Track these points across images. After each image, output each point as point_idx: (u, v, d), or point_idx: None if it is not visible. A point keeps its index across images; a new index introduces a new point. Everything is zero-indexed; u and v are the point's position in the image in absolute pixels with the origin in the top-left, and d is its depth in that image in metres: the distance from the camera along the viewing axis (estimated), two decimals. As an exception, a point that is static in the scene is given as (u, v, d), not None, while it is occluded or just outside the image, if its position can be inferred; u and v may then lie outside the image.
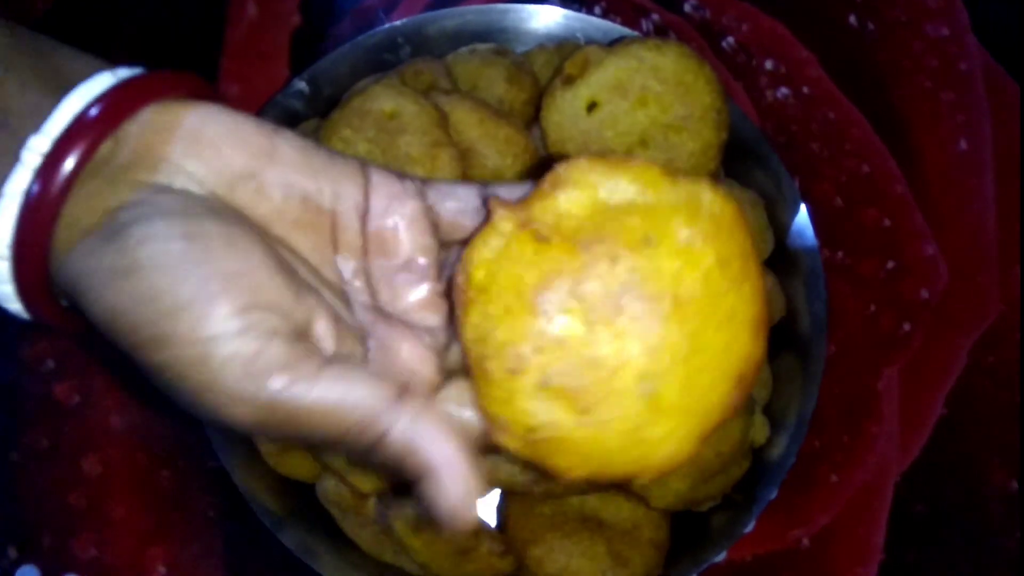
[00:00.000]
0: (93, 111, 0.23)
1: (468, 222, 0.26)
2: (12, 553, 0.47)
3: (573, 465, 0.23)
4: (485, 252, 0.23)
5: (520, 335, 0.23)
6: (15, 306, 0.24)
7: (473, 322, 0.23)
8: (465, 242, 0.24)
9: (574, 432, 0.22)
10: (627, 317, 0.22)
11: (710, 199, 0.23)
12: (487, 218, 0.24)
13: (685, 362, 0.23)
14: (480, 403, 0.23)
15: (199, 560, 0.47)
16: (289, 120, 0.46)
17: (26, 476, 0.48)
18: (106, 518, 0.48)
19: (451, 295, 0.25)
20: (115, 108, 0.23)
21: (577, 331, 0.22)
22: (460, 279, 0.24)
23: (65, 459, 0.48)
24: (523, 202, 0.24)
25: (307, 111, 0.47)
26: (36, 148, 0.23)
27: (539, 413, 0.23)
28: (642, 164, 0.23)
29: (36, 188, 0.22)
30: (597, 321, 0.22)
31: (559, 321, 0.22)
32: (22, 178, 0.22)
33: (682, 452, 0.23)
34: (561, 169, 0.23)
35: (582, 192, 0.23)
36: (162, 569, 0.47)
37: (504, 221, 0.23)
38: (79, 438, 0.49)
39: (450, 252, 0.27)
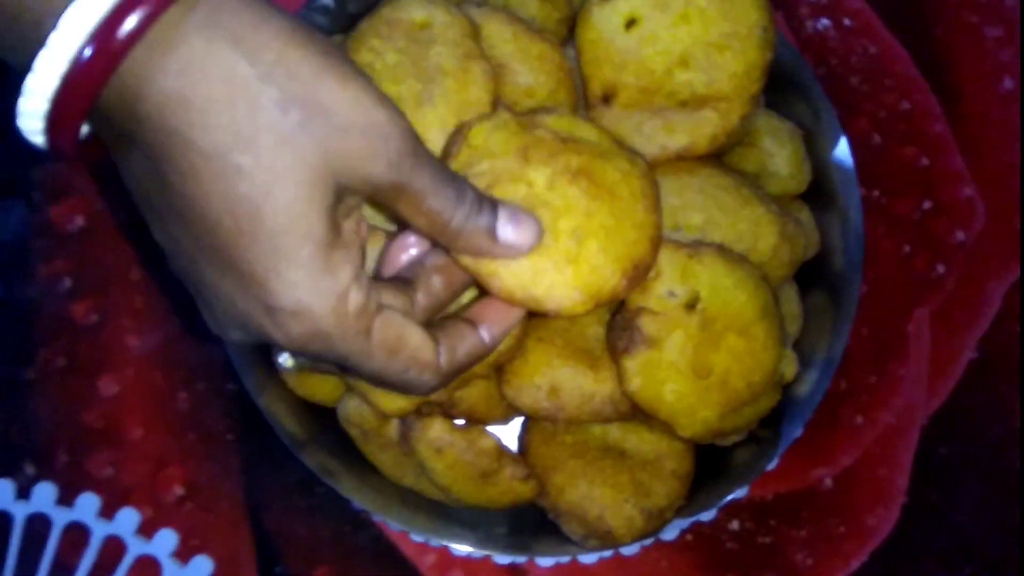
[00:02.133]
0: None
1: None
2: (29, 470, 0.47)
3: (501, 275, 0.30)
4: (486, 123, 0.32)
5: (501, 171, 0.31)
6: (38, 137, 0.25)
7: (459, 162, 0.31)
8: None
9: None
10: (577, 189, 0.31)
11: (642, 163, 0.34)
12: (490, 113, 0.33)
13: (606, 233, 0.31)
14: None
15: (216, 481, 0.47)
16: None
17: (42, 394, 0.48)
18: (122, 438, 0.47)
19: None
20: None
21: (541, 181, 0.31)
22: (457, 139, 0.32)
23: (81, 378, 0.48)
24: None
25: (331, 27, 0.45)
26: None
27: None
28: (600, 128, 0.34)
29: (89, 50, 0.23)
30: (556, 183, 0.31)
31: (532, 171, 0.31)
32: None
33: (584, 287, 0.31)
34: (550, 110, 0.34)
35: (562, 120, 0.33)
36: (179, 490, 0.47)
37: (504, 111, 0.33)
38: (95, 357, 0.48)
39: None
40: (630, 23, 0.38)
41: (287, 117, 0.24)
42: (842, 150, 0.44)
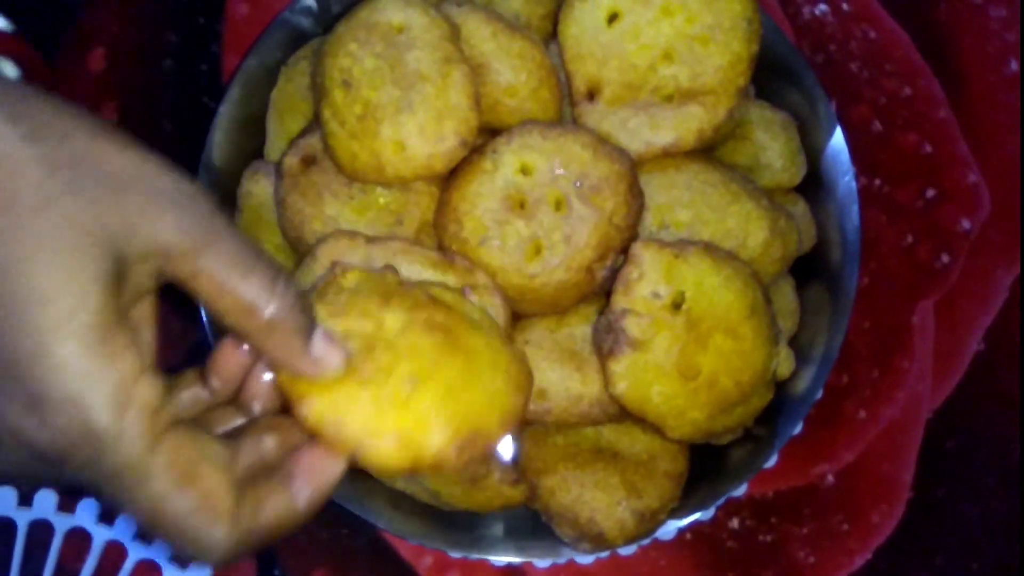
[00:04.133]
0: None
1: None
2: (31, 477, 0.48)
3: (313, 401, 0.26)
4: (362, 271, 0.29)
5: (352, 304, 0.28)
6: None
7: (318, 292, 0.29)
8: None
9: (345, 385, 0.26)
10: (430, 340, 0.28)
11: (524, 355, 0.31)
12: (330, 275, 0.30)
13: (448, 390, 0.27)
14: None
15: (213, 486, 0.47)
16: (297, 39, 0.44)
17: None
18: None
19: None
20: None
21: (393, 326, 0.27)
22: (328, 274, 0.29)
23: (80, 385, 0.48)
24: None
25: (315, 29, 0.45)
26: None
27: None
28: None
29: None
30: (408, 331, 0.27)
31: (388, 314, 0.28)
32: None
33: (402, 438, 0.26)
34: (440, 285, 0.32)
35: (448, 294, 0.31)
36: (178, 495, 0.47)
37: (391, 275, 0.30)
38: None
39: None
40: (612, 17, 0.38)
41: (53, 178, 0.21)
42: (838, 140, 0.43)
